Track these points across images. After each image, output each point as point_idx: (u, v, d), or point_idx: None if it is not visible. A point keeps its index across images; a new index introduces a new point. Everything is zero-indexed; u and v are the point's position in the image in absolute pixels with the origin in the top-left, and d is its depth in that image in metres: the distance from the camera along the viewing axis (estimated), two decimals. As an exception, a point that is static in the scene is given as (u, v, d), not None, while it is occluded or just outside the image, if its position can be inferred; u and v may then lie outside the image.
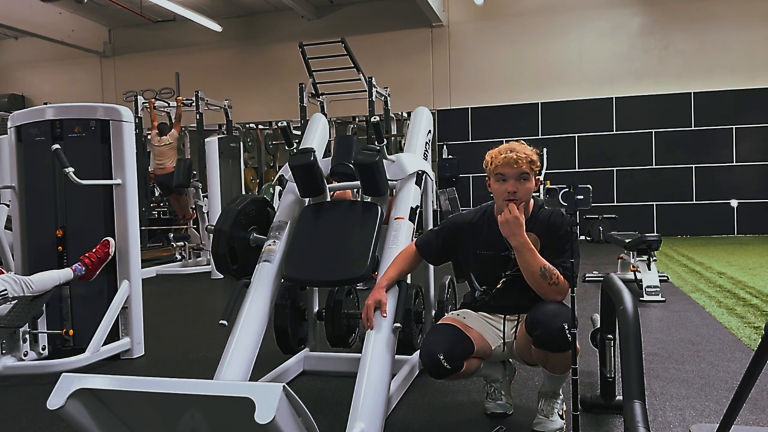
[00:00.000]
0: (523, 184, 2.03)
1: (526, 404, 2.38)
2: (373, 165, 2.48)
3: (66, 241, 3.28)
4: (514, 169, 2.02)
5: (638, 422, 1.42)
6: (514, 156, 2.02)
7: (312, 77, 8.88)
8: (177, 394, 1.35)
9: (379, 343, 2.06)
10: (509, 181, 2.04)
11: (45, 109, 3.37)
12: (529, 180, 2.04)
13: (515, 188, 2.03)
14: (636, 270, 4.67)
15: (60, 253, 3.28)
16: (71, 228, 3.29)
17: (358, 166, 2.50)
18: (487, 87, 11.04)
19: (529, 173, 2.04)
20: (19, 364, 2.93)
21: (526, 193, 2.05)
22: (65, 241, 3.28)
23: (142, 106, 9.38)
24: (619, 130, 10.56)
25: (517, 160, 2.01)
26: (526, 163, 2.02)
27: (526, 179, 2.04)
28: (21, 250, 3.38)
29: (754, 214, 10.12)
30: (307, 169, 2.55)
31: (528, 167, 2.03)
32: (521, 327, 2.10)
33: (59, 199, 3.31)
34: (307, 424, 1.43)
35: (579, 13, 10.72)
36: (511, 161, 2.02)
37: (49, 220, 3.31)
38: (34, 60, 13.45)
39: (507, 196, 2.04)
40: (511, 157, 2.02)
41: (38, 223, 3.35)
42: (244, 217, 2.59)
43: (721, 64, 10.19)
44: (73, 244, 3.27)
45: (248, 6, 11.92)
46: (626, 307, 1.68)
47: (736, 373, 2.75)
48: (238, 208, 2.56)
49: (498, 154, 2.06)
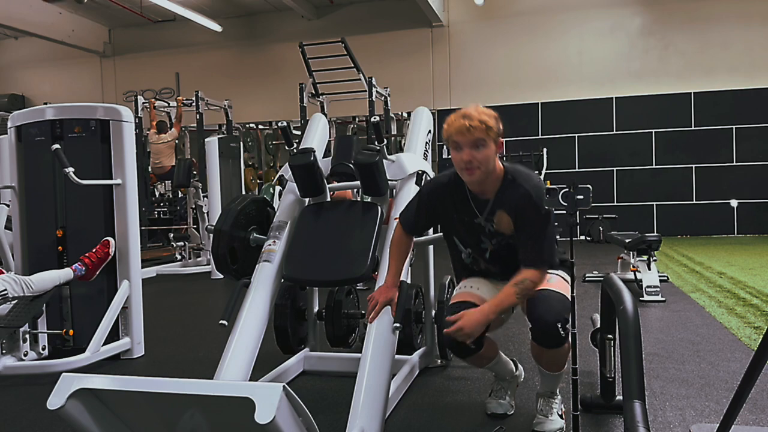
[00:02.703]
0: (479, 152, 1.91)
1: (527, 405, 2.38)
2: (373, 165, 2.48)
3: (66, 241, 3.28)
4: (468, 137, 1.90)
5: (638, 422, 1.42)
6: (467, 123, 1.89)
7: (312, 77, 8.88)
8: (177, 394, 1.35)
9: (379, 343, 2.06)
10: (464, 150, 1.91)
11: (45, 109, 3.37)
12: (486, 146, 1.91)
13: (470, 157, 1.91)
14: (636, 270, 4.67)
15: (60, 253, 3.28)
16: (71, 228, 3.29)
17: (358, 166, 2.50)
18: (487, 87, 11.04)
19: (486, 139, 1.90)
20: (19, 364, 2.93)
21: (483, 160, 1.92)
22: (65, 241, 3.28)
23: (142, 106, 9.38)
24: (619, 130, 10.55)
25: (470, 127, 1.88)
26: (481, 130, 1.89)
27: (483, 146, 1.91)
28: (21, 250, 3.38)
29: (754, 214, 10.11)
30: (307, 169, 2.55)
31: (483, 133, 1.90)
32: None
33: (59, 199, 3.31)
34: (307, 424, 1.43)
35: (579, 13, 10.72)
36: (463, 129, 1.89)
37: (49, 220, 3.31)
38: (34, 60, 13.44)
39: (463, 165, 1.94)
40: (464, 124, 1.89)
41: (38, 223, 3.35)
42: (244, 217, 2.59)
43: (721, 64, 10.19)
44: (73, 244, 3.27)
45: (248, 6, 11.92)
46: (626, 307, 1.68)
47: (736, 373, 2.75)
48: (238, 208, 2.56)
49: (453, 122, 1.93)
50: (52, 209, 3.31)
